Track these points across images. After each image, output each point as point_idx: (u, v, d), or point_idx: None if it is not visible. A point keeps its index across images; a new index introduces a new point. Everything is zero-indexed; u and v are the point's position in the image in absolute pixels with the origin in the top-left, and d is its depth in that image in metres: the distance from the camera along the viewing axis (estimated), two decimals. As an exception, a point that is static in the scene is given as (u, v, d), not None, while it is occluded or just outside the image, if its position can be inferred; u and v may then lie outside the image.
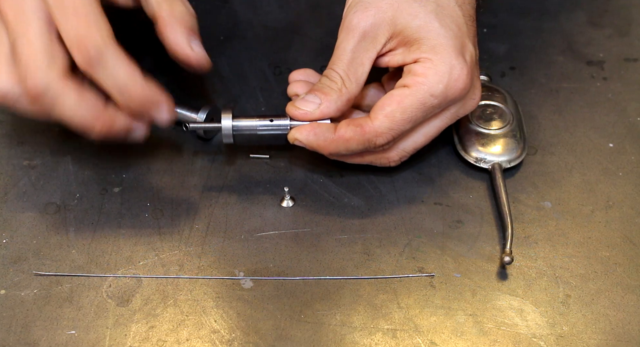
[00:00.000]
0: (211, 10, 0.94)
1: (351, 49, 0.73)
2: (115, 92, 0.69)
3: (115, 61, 0.68)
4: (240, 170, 0.80)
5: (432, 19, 0.72)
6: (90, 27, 0.67)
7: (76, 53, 0.67)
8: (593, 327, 0.71)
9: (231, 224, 0.77)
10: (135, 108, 0.70)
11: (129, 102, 0.69)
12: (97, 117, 0.69)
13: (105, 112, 0.69)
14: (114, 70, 0.68)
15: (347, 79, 0.74)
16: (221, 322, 0.71)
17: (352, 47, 0.73)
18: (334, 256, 0.75)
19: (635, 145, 0.83)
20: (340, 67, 0.74)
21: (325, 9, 0.94)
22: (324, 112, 0.74)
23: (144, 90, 0.69)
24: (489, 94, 0.83)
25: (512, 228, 0.75)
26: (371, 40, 0.73)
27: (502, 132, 0.80)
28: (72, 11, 0.67)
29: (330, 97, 0.74)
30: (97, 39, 0.67)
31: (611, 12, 0.95)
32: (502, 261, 0.72)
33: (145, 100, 0.70)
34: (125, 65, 0.68)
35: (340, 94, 0.74)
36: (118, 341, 0.70)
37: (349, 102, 0.74)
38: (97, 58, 0.67)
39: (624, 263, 0.75)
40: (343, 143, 0.73)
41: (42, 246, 0.75)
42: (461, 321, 0.71)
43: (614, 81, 0.89)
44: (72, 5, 0.67)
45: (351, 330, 0.70)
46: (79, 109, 0.68)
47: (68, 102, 0.68)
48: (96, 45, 0.67)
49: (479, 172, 0.80)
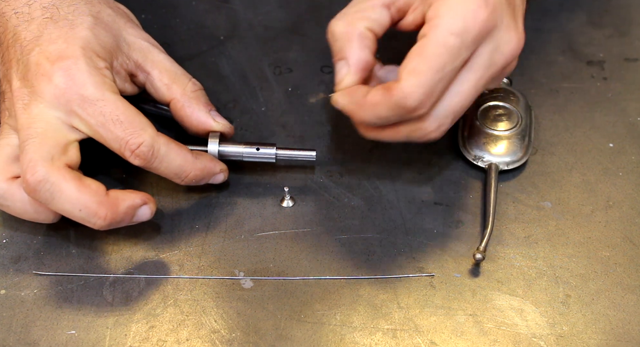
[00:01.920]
0: (211, 10, 0.94)
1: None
2: (173, 177, 0.73)
3: (167, 150, 0.71)
4: (240, 170, 0.80)
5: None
6: (136, 130, 0.69)
7: (132, 157, 0.70)
8: (593, 327, 0.71)
9: (231, 224, 0.77)
10: (193, 183, 0.74)
11: (188, 182, 0.74)
12: (100, 202, 0.69)
13: (108, 197, 0.70)
14: (168, 160, 0.71)
15: (354, 17, 0.71)
16: (221, 322, 0.71)
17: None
18: (334, 256, 0.75)
19: (635, 145, 0.83)
20: (346, 11, 0.71)
21: (325, 9, 0.94)
22: (344, 72, 0.71)
23: (198, 169, 0.73)
24: (502, 95, 0.83)
25: (492, 229, 0.75)
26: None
27: (507, 134, 0.80)
28: (115, 121, 0.69)
29: (340, 43, 0.71)
30: (146, 138, 0.70)
31: (611, 12, 0.95)
32: (474, 257, 0.73)
33: (201, 177, 0.74)
34: (176, 150, 0.72)
35: (347, 35, 0.71)
36: (118, 341, 0.70)
37: (366, 48, 0.71)
38: (152, 155, 0.70)
39: (624, 263, 0.75)
40: (371, 108, 0.69)
41: (42, 246, 0.75)
42: (461, 321, 0.71)
43: (614, 81, 0.89)
44: (114, 117, 0.69)
45: (351, 330, 0.70)
46: (80, 197, 0.69)
47: (67, 191, 0.68)
48: (148, 144, 0.70)
49: (479, 173, 0.80)
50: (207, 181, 0.75)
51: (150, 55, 0.75)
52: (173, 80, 0.75)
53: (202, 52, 0.90)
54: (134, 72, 0.75)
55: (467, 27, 0.66)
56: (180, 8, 0.93)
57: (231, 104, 0.85)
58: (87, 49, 0.70)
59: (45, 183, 0.67)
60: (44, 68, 0.69)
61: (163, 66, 0.75)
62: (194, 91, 0.76)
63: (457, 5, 0.66)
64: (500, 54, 0.69)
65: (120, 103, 0.70)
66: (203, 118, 0.76)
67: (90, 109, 0.69)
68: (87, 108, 0.69)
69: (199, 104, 0.76)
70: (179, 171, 0.72)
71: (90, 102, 0.69)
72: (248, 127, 0.83)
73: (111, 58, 0.72)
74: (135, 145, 0.69)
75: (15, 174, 0.70)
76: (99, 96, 0.69)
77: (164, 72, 0.75)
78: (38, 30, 0.71)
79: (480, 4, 0.66)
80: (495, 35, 0.68)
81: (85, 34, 0.71)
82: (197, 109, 0.76)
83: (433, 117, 0.69)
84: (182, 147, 0.73)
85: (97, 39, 0.71)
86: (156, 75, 0.75)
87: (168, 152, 0.71)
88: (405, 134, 0.71)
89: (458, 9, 0.66)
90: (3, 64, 0.73)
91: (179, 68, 0.77)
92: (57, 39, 0.70)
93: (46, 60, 0.69)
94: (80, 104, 0.69)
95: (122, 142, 0.69)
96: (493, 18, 0.67)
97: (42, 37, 0.70)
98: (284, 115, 0.85)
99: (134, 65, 0.75)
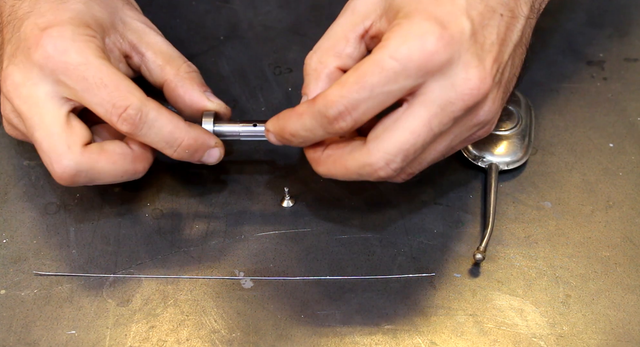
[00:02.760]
0: (211, 10, 0.94)
1: (338, 24, 0.69)
2: (164, 146, 0.70)
3: (157, 115, 0.68)
4: (240, 170, 0.80)
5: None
6: (122, 93, 0.67)
7: (119, 122, 0.67)
8: (593, 327, 0.71)
9: (231, 224, 0.77)
10: (186, 156, 0.71)
11: (180, 152, 0.70)
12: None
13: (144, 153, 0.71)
14: (158, 125, 0.68)
15: (326, 54, 0.69)
16: (221, 322, 0.71)
17: (338, 22, 0.69)
18: (334, 256, 0.75)
19: (635, 145, 0.83)
20: (318, 44, 0.70)
21: (325, 9, 0.94)
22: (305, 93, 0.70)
23: (191, 138, 0.70)
24: None
25: (492, 229, 0.75)
26: (360, 15, 0.68)
27: (507, 134, 0.80)
28: (99, 85, 0.67)
29: (308, 78, 0.70)
30: (134, 101, 0.67)
31: (611, 12, 0.95)
32: (474, 257, 0.73)
33: (194, 148, 0.71)
34: (167, 117, 0.69)
35: (316, 72, 0.69)
36: (118, 341, 0.70)
37: (328, 79, 0.69)
38: (140, 119, 0.68)
39: (624, 263, 0.75)
40: (297, 118, 0.66)
41: (42, 246, 0.75)
42: (461, 321, 0.71)
43: (614, 81, 0.89)
44: (97, 80, 0.67)
45: (351, 330, 0.70)
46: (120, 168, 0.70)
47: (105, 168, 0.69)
48: (135, 107, 0.67)
49: (480, 173, 0.80)
50: (201, 155, 0.72)
51: (145, 37, 0.74)
52: (167, 61, 0.74)
53: (202, 52, 0.90)
54: (129, 53, 0.74)
55: (411, 55, 0.62)
56: (180, 8, 0.93)
57: (231, 104, 0.85)
58: (75, 19, 0.69)
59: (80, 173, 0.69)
60: (29, 41, 0.68)
61: (158, 48, 0.74)
62: (188, 72, 0.74)
63: (408, 32, 0.63)
64: (455, 93, 0.63)
65: (104, 67, 0.68)
66: (196, 98, 0.73)
67: (74, 74, 0.67)
68: (70, 74, 0.67)
69: (192, 84, 0.74)
70: (170, 139, 0.69)
71: (73, 67, 0.67)
72: (248, 127, 0.83)
73: (103, 33, 0.71)
74: (122, 109, 0.67)
75: (86, 140, 0.70)
76: (81, 61, 0.67)
77: (158, 54, 0.74)
78: (29, 6, 0.70)
79: (434, 35, 0.62)
80: (449, 71, 0.63)
81: (76, 7, 0.70)
82: (190, 88, 0.74)
83: (379, 151, 0.65)
84: (173, 114, 0.70)
85: (89, 12, 0.70)
86: (150, 57, 0.74)
87: (158, 117, 0.68)
88: (355, 170, 0.67)
89: (408, 35, 0.62)
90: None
91: (175, 51, 0.75)
92: (46, 12, 0.69)
93: (32, 33, 0.68)
94: (64, 71, 0.67)
95: (107, 106, 0.67)
96: (446, 52, 0.62)
97: (32, 12, 0.69)
98: (284, 115, 0.84)
99: (129, 45, 0.74)
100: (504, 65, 0.66)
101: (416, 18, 0.63)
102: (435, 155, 0.68)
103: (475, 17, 0.64)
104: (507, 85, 0.69)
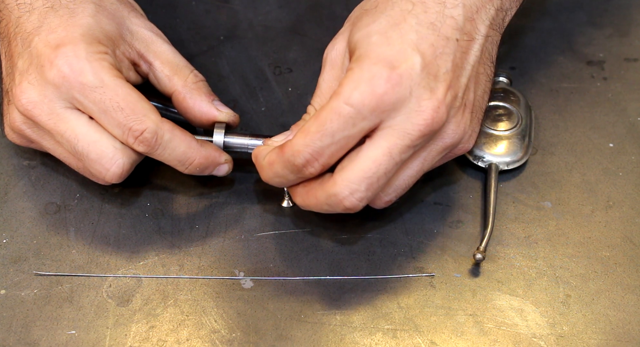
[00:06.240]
0: (211, 10, 0.94)
1: (323, 79, 0.72)
2: (177, 164, 0.73)
3: (171, 137, 0.71)
4: (240, 170, 0.80)
5: (373, 28, 0.67)
6: (138, 116, 0.69)
7: (136, 144, 0.70)
8: (593, 327, 0.71)
9: (231, 224, 0.77)
10: (197, 172, 0.74)
11: (191, 169, 0.73)
12: None
13: None
14: (172, 147, 0.71)
15: (309, 109, 0.72)
16: (221, 322, 0.71)
17: (323, 78, 0.72)
18: (334, 256, 0.75)
19: (635, 145, 0.83)
20: (314, 100, 0.72)
21: (325, 9, 0.94)
22: (282, 137, 0.72)
23: (202, 156, 0.73)
24: (502, 95, 0.83)
25: (492, 229, 0.75)
26: (338, 66, 0.72)
27: (507, 134, 0.80)
28: (115, 109, 0.69)
29: None
30: (150, 125, 0.70)
31: (611, 12, 0.95)
32: (474, 257, 0.73)
33: (205, 165, 0.74)
34: (180, 137, 0.72)
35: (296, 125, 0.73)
36: (118, 341, 0.70)
37: None
38: (156, 141, 0.70)
39: (624, 263, 0.75)
40: (269, 167, 0.69)
41: (42, 246, 0.75)
42: (461, 321, 0.71)
43: (614, 81, 0.89)
44: (114, 104, 0.69)
45: (351, 330, 0.70)
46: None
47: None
48: (151, 130, 0.70)
49: (480, 173, 0.80)
50: (211, 171, 0.75)
51: (152, 45, 0.75)
52: (174, 72, 0.75)
53: (202, 52, 0.90)
54: (137, 61, 0.75)
55: (363, 100, 0.65)
56: (180, 8, 0.93)
57: (231, 104, 0.85)
58: (87, 35, 0.70)
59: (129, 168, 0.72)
60: (42, 59, 0.69)
61: (165, 57, 0.75)
62: (195, 82, 0.76)
63: (359, 78, 0.65)
64: (411, 124, 0.66)
65: (120, 89, 0.69)
66: (206, 108, 0.75)
67: (91, 96, 0.69)
68: (87, 95, 0.69)
69: (200, 95, 0.75)
70: (183, 158, 0.72)
71: (90, 89, 0.69)
72: (248, 127, 0.83)
73: (113, 46, 0.72)
74: (139, 132, 0.69)
75: None
76: (97, 83, 0.69)
77: (165, 64, 0.75)
78: (38, 21, 0.70)
79: (382, 78, 0.65)
80: (403, 108, 0.66)
81: (85, 22, 0.70)
82: (199, 99, 0.75)
83: (343, 180, 0.67)
84: (186, 134, 0.72)
85: (98, 26, 0.71)
86: (158, 67, 0.75)
87: (172, 139, 0.71)
88: (324, 200, 0.69)
89: (359, 81, 0.65)
90: (7, 59, 0.73)
91: (182, 59, 0.76)
92: (57, 27, 0.70)
93: (44, 50, 0.69)
94: (81, 91, 0.69)
95: (124, 129, 0.69)
96: (395, 91, 0.65)
97: (42, 27, 0.70)
98: (284, 115, 0.85)
99: (137, 54, 0.75)
100: (463, 89, 0.69)
101: (365, 62, 0.66)
102: (408, 180, 0.71)
103: (427, 49, 0.66)
104: (477, 103, 0.71)
